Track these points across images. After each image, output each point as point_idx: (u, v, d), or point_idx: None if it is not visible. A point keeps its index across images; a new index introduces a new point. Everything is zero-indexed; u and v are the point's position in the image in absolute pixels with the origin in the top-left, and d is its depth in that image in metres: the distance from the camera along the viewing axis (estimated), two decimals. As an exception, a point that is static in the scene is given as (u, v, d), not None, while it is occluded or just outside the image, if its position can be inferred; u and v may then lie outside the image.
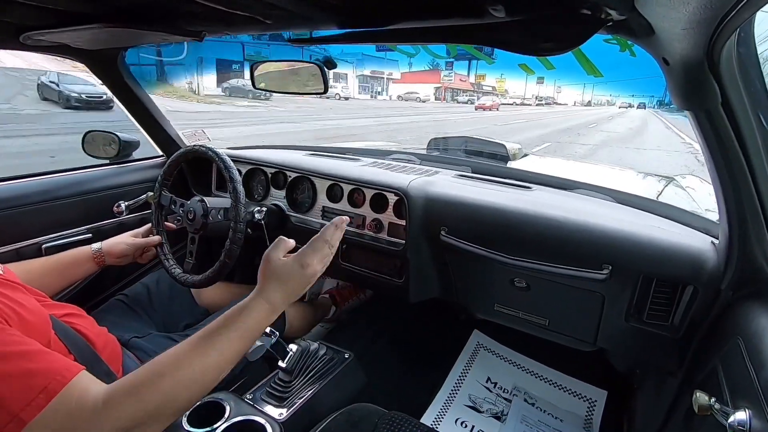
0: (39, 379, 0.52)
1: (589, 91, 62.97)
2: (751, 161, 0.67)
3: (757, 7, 0.43)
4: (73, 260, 1.05)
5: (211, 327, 0.64)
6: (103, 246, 1.09)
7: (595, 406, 1.37)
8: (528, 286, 1.13)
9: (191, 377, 0.58)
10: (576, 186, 1.30)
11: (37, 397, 0.50)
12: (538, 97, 52.71)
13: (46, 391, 0.51)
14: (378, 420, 0.86)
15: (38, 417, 0.50)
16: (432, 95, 36.74)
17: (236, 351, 0.64)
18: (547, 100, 53.95)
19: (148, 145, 1.55)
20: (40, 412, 0.50)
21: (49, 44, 1.03)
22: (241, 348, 0.65)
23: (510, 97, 47.88)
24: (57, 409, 0.51)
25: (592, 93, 62.97)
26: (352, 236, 1.28)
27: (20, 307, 0.66)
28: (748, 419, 0.55)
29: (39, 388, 0.51)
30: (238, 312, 0.66)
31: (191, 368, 0.58)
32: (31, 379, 0.52)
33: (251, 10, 0.75)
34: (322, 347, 1.07)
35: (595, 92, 63.19)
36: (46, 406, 0.50)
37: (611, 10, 0.51)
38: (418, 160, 1.57)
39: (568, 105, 55.70)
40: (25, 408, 0.50)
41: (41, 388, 0.51)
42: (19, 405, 0.50)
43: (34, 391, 0.51)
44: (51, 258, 1.04)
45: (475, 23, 0.60)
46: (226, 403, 0.86)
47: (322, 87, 1.10)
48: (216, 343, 0.62)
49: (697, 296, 0.88)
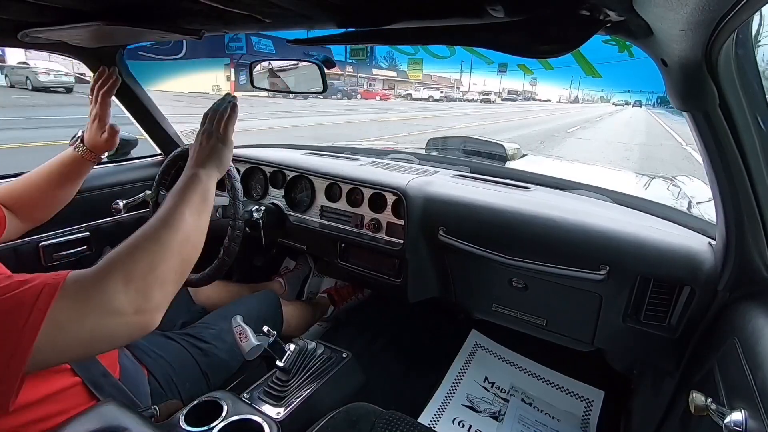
0: (36, 281, 0.53)
1: (576, 87, 58.40)
2: (748, 162, 0.67)
3: (755, 8, 0.43)
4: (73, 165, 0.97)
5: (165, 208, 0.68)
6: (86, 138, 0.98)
7: (592, 406, 1.38)
8: (526, 286, 1.13)
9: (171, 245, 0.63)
10: (574, 186, 1.30)
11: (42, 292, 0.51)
12: (512, 92, 47.84)
13: (49, 285, 0.52)
14: (375, 419, 0.86)
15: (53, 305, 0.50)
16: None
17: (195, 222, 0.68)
18: (522, 95, 48.77)
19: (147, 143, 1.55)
20: (54, 299, 0.51)
21: (47, 42, 1.03)
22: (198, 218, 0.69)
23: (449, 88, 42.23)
24: (68, 289, 0.52)
25: (579, 88, 58.44)
26: (351, 236, 1.28)
27: None
28: (744, 420, 0.55)
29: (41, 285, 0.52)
30: (178, 193, 0.70)
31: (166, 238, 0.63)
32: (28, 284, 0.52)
33: (250, 8, 0.75)
34: (320, 346, 1.07)
35: (583, 87, 58.71)
36: (56, 294, 0.51)
37: (610, 11, 0.51)
38: (416, 159, 1.57)
39: (551, 101, 51.17)
40: (36, 302, 0.50)
41: (43, 284, 0.52)
42: (29, 302, 0.50)
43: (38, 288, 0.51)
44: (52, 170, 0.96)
45: (475, 24, 0.60)
46: (224, 402, 0.86)
47: (320, 86, 1.10)
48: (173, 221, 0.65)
49: (694, 297, 0.89)
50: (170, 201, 0.68)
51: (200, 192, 0.72)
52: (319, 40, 0.78)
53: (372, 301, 1.81)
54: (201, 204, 0.71)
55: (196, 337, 1.05)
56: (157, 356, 0.96)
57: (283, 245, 1.50)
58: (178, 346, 1.02)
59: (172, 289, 0.62)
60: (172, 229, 0.64)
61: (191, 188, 0.71)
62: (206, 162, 0.77)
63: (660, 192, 1.73)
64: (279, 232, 1.43)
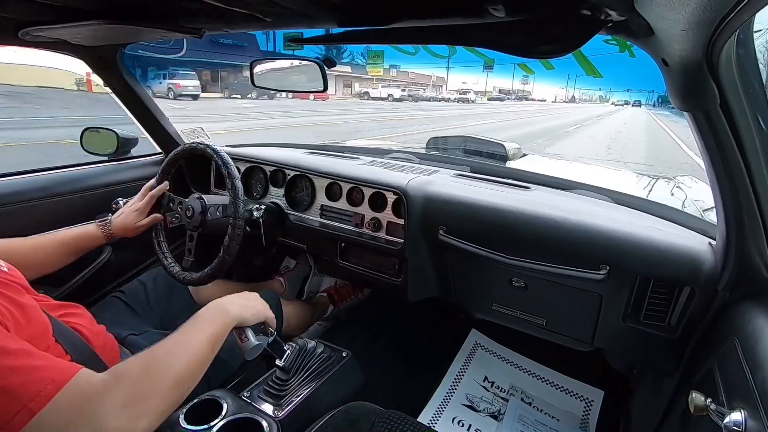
0: (45, 372, 0.54)
1: (573, 86, 54.63)
2: (748, 162, 0.67)
3: (756, 8, 0.43)
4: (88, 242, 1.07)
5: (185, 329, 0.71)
6: (114, 227, 1.10)
7: (591, 405, 1.38)
8: (526, 285, 1.13)
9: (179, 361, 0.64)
10: (574, 186, 1.30)
11: (45, 387, 0.52)
12: (503, 91, 44.19)
13: (54, 382, 0.53)
14: (375, 418, 0.86)
15: (48, 405, 0.51)
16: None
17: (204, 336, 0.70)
18: (514, 94, 45.28)
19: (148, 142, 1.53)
20: (50, 401, 0.51)
21: (47, 40, 1.03)
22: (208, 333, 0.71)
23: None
24: (69, 394, 0.53)
25: (575, 87, 54.82)
26: (351, 235, 1.28)
27: (19, 309, 0.67)
28: (744, 420, 0.55)
29: (47, 380, 0.53)
30: (201, 319, 0.74)
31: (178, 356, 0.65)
32: (37, 372, 0.53)
33: (251, 7, 0.75)
34: (320, 345, 1.07)
35: (580, 86, 55.07)
36: (55, 395, 0.52)
37: (611, 11, 0.51)
38: (417, 159, 1.57)
39: (546, 101, 47.88)
40: (35, 398, 0.51)
41: (49, 380, 0.53)
42: (28, 395, 0.51)
43: (42, 382, 0.52)
44: (66, 239, 1.04)
45: (475, 23, 0.60)
46: (224, 401, 0.86)
47: (321, 85, 1.10)
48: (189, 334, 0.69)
49: (694, 297, 0.89)
50: (194, 328, 0.71)
51: (225, 328, 0.74)
52: (319, 39, 0.78)
53: (372, 301, 1.81)
54: (219, 341, 0.72)
55: None
56: None
57: (284, 244, 1.50)
58: None
59: (157, 423, 0.59)
60: (188, 356, 0.65)
61: (218, 323, 0.74)
62: (239, 307, 0.80)
63: (664, 196, 1.71)
64: (279, 231, 1.43)
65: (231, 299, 0.80)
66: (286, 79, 1.21)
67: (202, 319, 0.73)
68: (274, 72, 1.22)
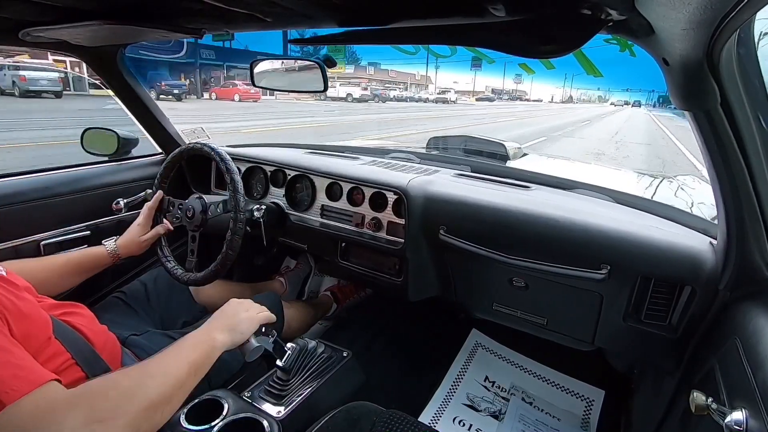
0: (21, 372, 0.55)
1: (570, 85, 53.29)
2: (749, 162, 0.67)
3: (757, 7, 0.43)
4: (94, 262, 1.09)
5: (166, 352, 0.70)
6: (119, 247, 1.12)
7: (592, 405, 1.38)
8: (527, 285, 1.13)
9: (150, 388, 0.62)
10: (575, 186, 1.30)
11: (13, 388, 0.53)
12: (496, 90, 41.91)
13: (26, 383, 0.54)
14: (376, 418, 0.86)
15: (12, 405, 0.52)
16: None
17: (184, 359, 0.68)
18: (506, 93, 43.14)
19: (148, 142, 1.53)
20: (15, 402, 0.52)
21: (48, 41, 1.03)
22: (189, 357, 0.69)
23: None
24: (33, 400, 0.53)
25: (572, 86, 53.49)
26: (351, 235, 1.28)
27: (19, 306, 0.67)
28: (745, 419, 0.55)
29: (21, 380, 0.54)
30: (184, 343, 0.72)
31: (153, 378, 0.63)
32: (12, 370, 0.55)
33: (251, 7, 0.75)
34: (321, 345, 1.07)
35: (577, 85, 53.78)
36: (21, 398, 0.52)
37: (612, 10, 0.51)
38: (417, 159, 1.57)
39: (543, 101, 46.31)
40: (9, 391, 0.52)
41: (23, 380, 0.54)
42: (3, 387, 0.52)
43: (14, 381, 0.53)
44: (71, 260, 1.06)
45: (476, 23, 0.60)
46: (225, 401, 0.86)
47: (321, 85, 1.10)
48: (167, 368, 0.66)
49: (695, 296, 0.89)
50: (174, 351, 0.70)
51: (208, 356, 0.73)
52: (319, 39, 0.78)
53: (373, 300, 1.81)
54: (202, 368, 0.71)
55: None
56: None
57: (284, 244, 1.50)
58: None
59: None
60: (164, 379, 0.63)
61: (202, 350, 0.72)
62: (228, 331, 0.79)
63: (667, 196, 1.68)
64: (280, 231, 1.43)
65: (219, 325, 0.79)
66: (285, 79, 1.21)
67: (186, 343, 0.72)
68: (274, 72, 1.22)
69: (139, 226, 1.16)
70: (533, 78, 48.39)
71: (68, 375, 0.72)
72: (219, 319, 0.81)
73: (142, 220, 1.17)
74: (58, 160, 1.41)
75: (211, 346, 0.74)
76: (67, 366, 0.73)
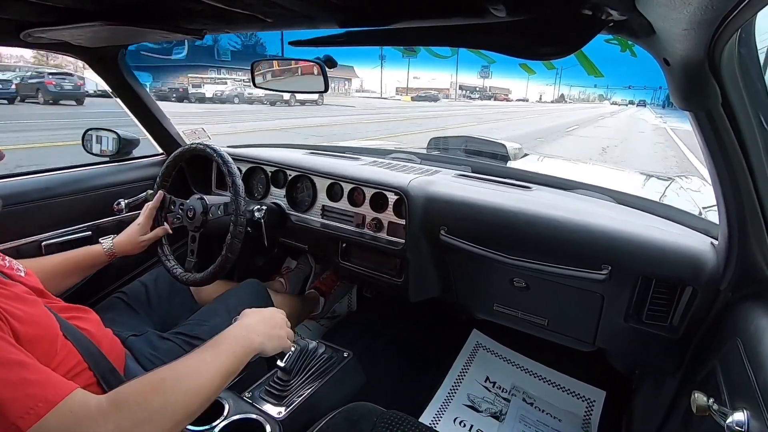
0: (38, 389, 0.52)
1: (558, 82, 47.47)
2: (751, 162, 0.67)
3: (758, 7, 0.43)
4: (91, 261, 1.09)
5: (204, 347, 0.70)
6: (115, 245, 1.12)
7: (593, 406, 1.38)
8: (527, 286, 1.13)
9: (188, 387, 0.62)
10: (576, 186, 1.30)
11: (36, 405, 0.50)
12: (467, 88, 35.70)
13: (46, 401, 0.51)
14: (377, 419, 0.86)
15: (36, 426, 0.49)
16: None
17: (219, 369, 0.67)
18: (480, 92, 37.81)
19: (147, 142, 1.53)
20: (40, 420, 0.49)
21: (49, 41, 1.03)
22: (223, 367, 0.68)
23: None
24: (59, 416, 0.51)
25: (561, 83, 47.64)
26: (352, 235, 1.28)
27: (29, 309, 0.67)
28: (746, 420, 0.55)
29: (39, 398, 0.51)
30: (219, 349, 0.70)
31: (184, 389, 0.62)
32: (30, 388, 0.51)
33: (252, 8, 0.75)
34: (321, 346, 1.07)
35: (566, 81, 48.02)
36: (46, 414, 0.50)
37: (612, 11, 0.51)
38: (418, 159, 1.57)
39: (530, 101, 41.32)
40: (24, 416, 0.49)
41: (41, 398, 0.51)
42: (17, 413, 0.49)
43: (34, 399, 0.50)
44: (69, 258, 1.06)
45: (476, 24, 0.60)
46: (225, 401, 0.86)
47: (322, 85, 1.10)
48: (204, 363, 0.66)
49: (696, 297, 0.88)
50: (215, 358, 0.67)
51: (242, 362, 0.72)
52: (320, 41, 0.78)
53: (373, 301, 1.81)
54: (234, 374, 0.70)
55: (191, 335, 1.05)
56: (153, 357, 0.96)
57: (285, 245, 1.50)
58: (173, 344, 1.02)
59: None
60: (197, 391, 0.62)
61: (238, 358, 0.71)
62: (268, 339, 0.78)
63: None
64: (280, 231, 1.43)
65: (258, 327, 0.77)
66: (286, 79, 1.21)
67: (223, 346, 0.70)
68: (274, 73, 1.22)
69: (138, 226, 1.16)
70: (497, 73, 41.50)
71: (80, 379, 0.72)
72: (262, 323, 0.79)
73: (142, 220, 1.17)
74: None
75: (246, 351, 0.73)
76: (80, 370, 0.73)
